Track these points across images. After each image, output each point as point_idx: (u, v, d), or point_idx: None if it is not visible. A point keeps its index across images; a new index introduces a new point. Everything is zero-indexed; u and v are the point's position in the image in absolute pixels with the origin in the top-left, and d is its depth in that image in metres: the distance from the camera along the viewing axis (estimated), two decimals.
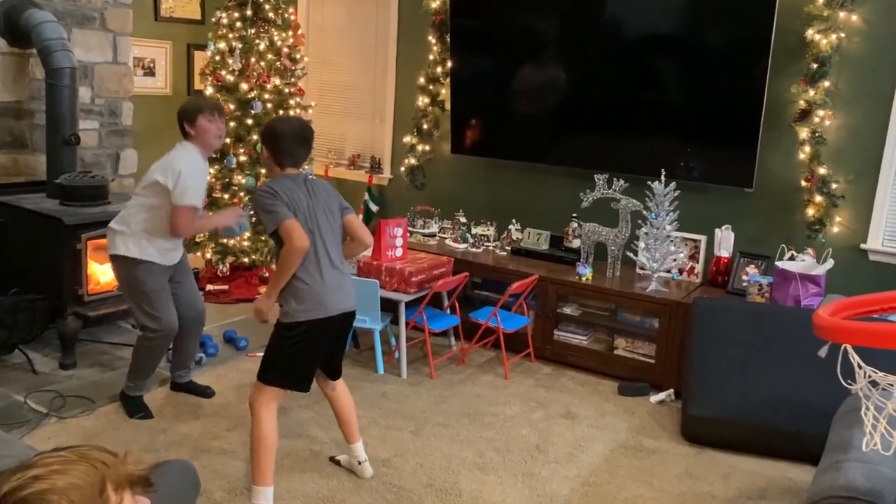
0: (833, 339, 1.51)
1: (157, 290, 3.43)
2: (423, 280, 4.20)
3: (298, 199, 2.79)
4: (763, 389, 3.45)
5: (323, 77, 5.96)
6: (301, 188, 2.83)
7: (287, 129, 2.88)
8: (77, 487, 1.07)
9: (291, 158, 2.87)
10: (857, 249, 4.06)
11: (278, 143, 2.84)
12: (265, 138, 2.88)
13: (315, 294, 2.77)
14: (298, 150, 2.88)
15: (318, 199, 2.86)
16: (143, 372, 3.55)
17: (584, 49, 4.61)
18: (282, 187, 2.78)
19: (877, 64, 3.91)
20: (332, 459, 3.24)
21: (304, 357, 2.85)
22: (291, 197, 2.77)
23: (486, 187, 5.24)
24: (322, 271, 2.80)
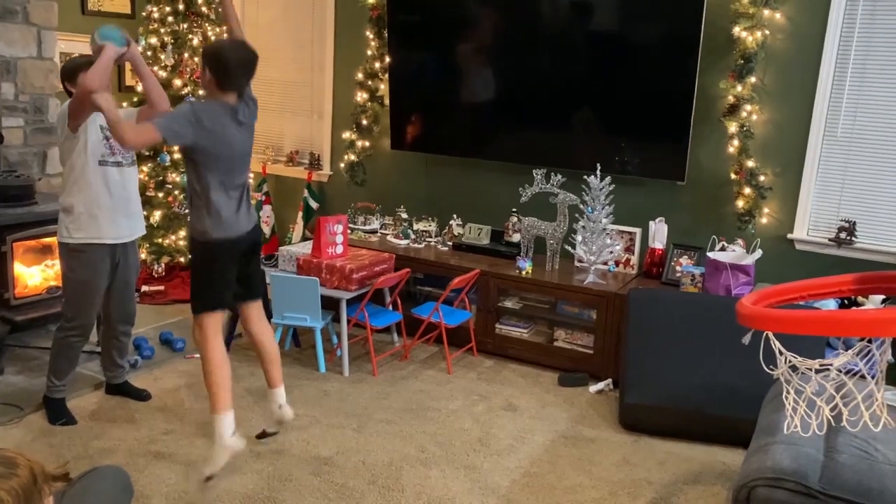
0: (754, 326, 1.57)
1: (89, 281, 3.32)
2: (365, 277, 4.18)
3: (221, 127, 2.87)
4: (697, 376, 3.55)
5: (259, 72, 5.79)
6: (229, 116, 2.91)
7: (236, 57, 2.90)
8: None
9: (234, 86, 2.91)
10: (785, 239, 4.21)
11: (226, 69, 2.87)
12: (211, 62, 2.87)
13: (226, 219, 2.96)
14: (243, 79, 2.94)
15: (242, 134, 2.99)
16: (61, 371, 3.44)
17: (520, 45, 4.66)
18: (209, 115, 2.83)
19: (800, 60, 4.06)
20: (259, 436, 3.30)
21: (221, 274, 3.04)
22: (213, 126, 2.84)
23: (427, 183, 5.25)
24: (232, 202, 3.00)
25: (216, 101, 2.92)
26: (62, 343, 3.39)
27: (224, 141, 2.89)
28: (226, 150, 2.91)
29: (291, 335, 4.45)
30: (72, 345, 3.40)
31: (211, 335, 3.02)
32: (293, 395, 3.83)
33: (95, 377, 3.84)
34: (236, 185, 3.01)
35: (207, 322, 3.03)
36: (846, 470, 2.32)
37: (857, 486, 2.25)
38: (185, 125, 2.79)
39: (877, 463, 2.35)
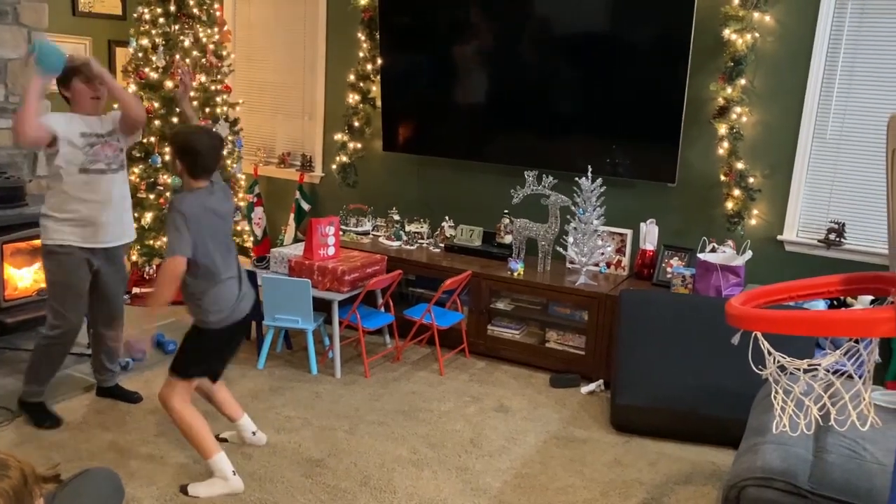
0: (742, 326, 1.58)
1: (67, 283, 3.32)
2: (357, 278, 4.18)
3: (204, 216, 2.86)
4: (687, 377, 3.57)
5: (250, 74, 5.87)
6: (210, 199, 2.91)
7: (204, 144, 2.89)
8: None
9: (206, 171, 2.92)
10: (774, 241, 4.24)
11: (196, 158, 2.87)
12: (181, 152, 2.87)
13: (227, 302, 2.95)
14: (214, 162, 2.94)
15: (225, 206, 2.99)
16: (41, 377, 3.42)
17: (512, 48, 4.67)
18: (191, 208, 2.82)
19: (789, 62, 4.08)
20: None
21: (218, 355, 3.12)
22: (197, 218, 2.82)
23: (419, 185, 5.25)
24: (234, 280, 2.98)
25: (193, 193, 2.91)
26: (44, 348, 3.38)
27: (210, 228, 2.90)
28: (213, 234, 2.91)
29: (283, 337, 4.45)
30: (53, 350, 3.39)
31: (183, 395, 3.00)
32: (285, 396, 3.83)
33: (86, 379, 3.83)
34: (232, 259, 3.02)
35: (185, 385, 3.01)
36: (835, 469, 2.34)
37: (846, 486, 2.26)
38: (185, 234, 2.79)
39: (865, 462, 2.37)
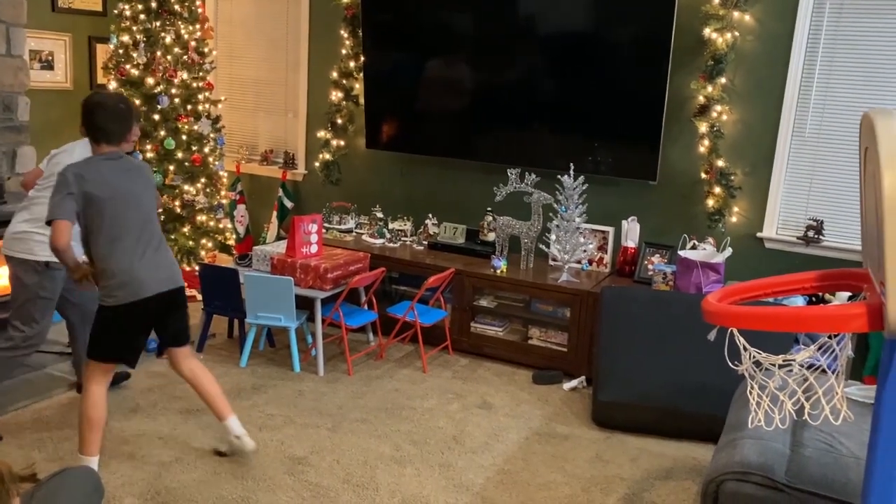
0: (719, 323, 1.60)
1: (52, 298, 3.31)
2: (340, 276, 4.18)
3: (108, 182, 2.77)
4: (668, 373, 3.60)
5: (233, 71, 5.84)
6: (115, 169, 2.82)
7: (103, 105, 2.82)
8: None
9: (106, 135, 2.83)
10: (754, 238, 4.28)
11: (92, 117, 2.81)
12: (82, 117, 2.84)
13: (128, 279, 2.82)
14: (113, 125, 2.83)
15: (134, 180, 2.87)
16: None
17: (495, 46, 4.68)
18: (88, 172, 2.75)
19: (768, 61, 4.12)
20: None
21: (123, 336, 2.93)
22: (97, 182, 2.74)
23: (403, 182, 5.25)
24: (134, 257, 2.84)
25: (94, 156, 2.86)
26: (11, 354, 3.28)
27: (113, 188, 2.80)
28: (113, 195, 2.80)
29: (266, 335, 4.44)
30: (18, 356, 3.31)
31: (98, 378, 2.93)
32: (267, 394, 3.83)
33: (66, 378, 3.80)
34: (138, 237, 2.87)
35: (100, 368, 2.93)
36: (811, 463, 2.37)
37: (822, 479, 2.30)
38: (70, 200, 2.71)
39: (841, 456, 2.41)
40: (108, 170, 2.81)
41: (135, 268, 2.83)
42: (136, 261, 2.84)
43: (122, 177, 2.83)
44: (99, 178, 2.76)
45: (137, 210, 2.85)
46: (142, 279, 2.84)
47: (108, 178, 2.79)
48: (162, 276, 2.91)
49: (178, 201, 5.10)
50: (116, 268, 2.80)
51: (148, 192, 2.93)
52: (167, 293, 2.93)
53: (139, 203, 2.86)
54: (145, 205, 2.89)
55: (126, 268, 2.81)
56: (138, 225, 2.85)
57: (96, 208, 2.75)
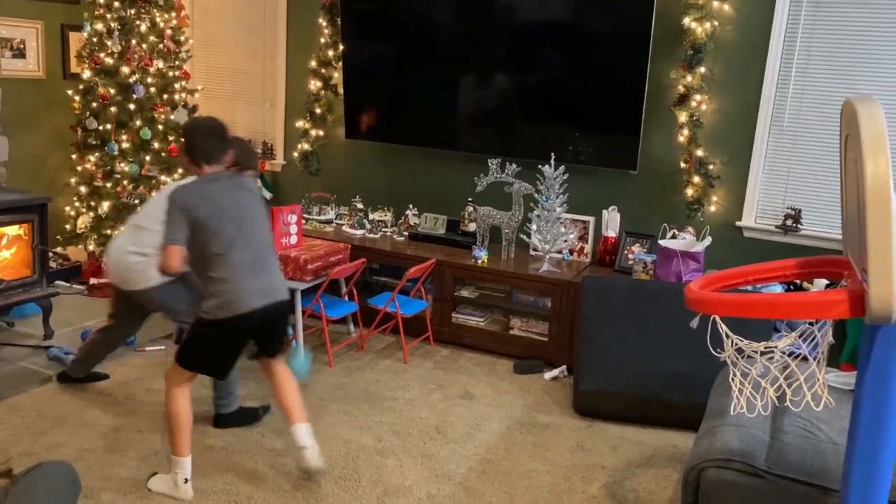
0: (700, 310, 1.61)
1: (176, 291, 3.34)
2: (320, 267, 4.15)
3: (214, 200, 2.77)
4: (648, 362, 3.61)
5: (209, 60, 5.76)
6: (220, 187, 2.82)
7: (198, 125, 2.90)
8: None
9: (206, 154, 2.85)
10: (733, 227, 4.31)
11: (191, 139, 2.85)
12: (183, 142, 2.91)
13: (232, 297, 2.77)
14: (211, 143, 2.85)
15: (239, 197, 2.85)
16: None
17: (475, 36, 4.65)
18: (195, 195, 2.76)
19: (747, 51, 4.14)
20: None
21: (219, 351, 2.89)
22: (204, 202, 2.74)
23: (383, 173, 5.22)
24: (239, 273, 2.79)
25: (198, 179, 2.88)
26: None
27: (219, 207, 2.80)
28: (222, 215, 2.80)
29: None
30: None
31: (181, 383, 2.87)
32: (247, 387, 3.80)
33: (42, 372, 3.74)
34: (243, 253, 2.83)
35: (183, 376, 2.87)
36: (791, 450, 2.39)
37: (801, 466, 2.32)
38: (181, 222, 2.73)
39: (820, 442, 2.43)
40: (213, 189, 2.81)
41: (239, 284, 2.78)
42: (241, 277, 2.79)
43: (227, 195, 2.82)
44: (204, 197, 2.77)
45: (242, 226, 2.82)
46: (244, 295, 2.79)
47: (213, 196, 2.79)
48: (265, 289, 2.84)
49: (154, 192, 5.03)
50: (220, 284, 2.76)
51: (254, 208, 2.90)
52: (269, 307, 2.86)
53: (244, 219, 2.83)
54: (250, 221, 2.85)
55: (230, 284, 2.77)
56: (244, 241, 2.81)
57: (202, 226, 2.74)
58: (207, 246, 2.76)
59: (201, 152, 2.85)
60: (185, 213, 2.73)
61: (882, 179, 1.27)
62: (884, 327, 1.39)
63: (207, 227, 2.74)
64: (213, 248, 2.76)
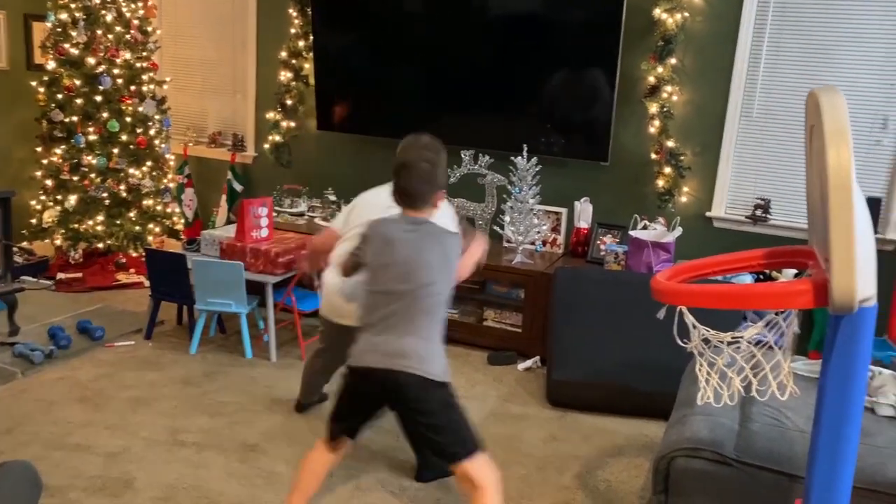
0: (668, 301, 1.61)
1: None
2: (291, 260, 4.11)
3: (392, 248, 2.36)
4: (621, 352, 3.63)
5: (178, 51, 5.67)
6: (408, 237, 2.38)
7: (405, 163, 2.41)
8: None
9: (405, 199, 2.41)
10: (703, 217, 4.34)
11: (396, 178, 2.42)
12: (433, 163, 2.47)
13: (359, 343, 2.43)
14: (413, 187, 2.40)
15: (422, 254, 2.37)
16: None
17: (447, 27, 4.63)
18: (377, 235, 2.41)
19: (717, 42, 4.16)
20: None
21: (343, 400, 2.53)
22: (383, 245, 2.38)
23: (356, 164, 5.18)
24: (377, 326, 2.39)
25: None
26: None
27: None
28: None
29: (216, 321, 4.35)
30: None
31: (316, 445, 2.58)
32: (219, 381, 3.76)
33: (7, 369, 3.68)
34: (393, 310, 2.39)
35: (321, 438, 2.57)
36: (759, 438, 2.42)
37: (769, 453, 2.35)
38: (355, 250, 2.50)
39: (787, 430, 2.46)
40: (399, 235, 2.38)
41: (369, 337, 2.39)
42: (375, 331, 2.39)
43: (409, 247, 2.36)
44: (384, 242, 2.39)
45: (407, 283, 2.34)
46: (365, 348, 2.40)
47: (394, 243, 2.37)
48: (388, 352, 2.36)
49: (123, 185, 4.96)
50: (361, 330, 2.43)
51: (434, 271, 2.37)
52: (385, 372, 2.34)
53: (411, 278, 2.34)
54: (418, 282, 2.34)
55: (363, 332, 2.42)
56: (399, 299, 2.35)
57: (371, 269, 2.42)
58: (369, 287, 2.45)
59: (401, 197, 2.43)
60: (364, 253, 2.46)
61: (844, 170, 1.27)
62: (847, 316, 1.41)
63: (377, 272, 2.41)
64: (372, 291, 2.43)
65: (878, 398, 2.64)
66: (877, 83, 3.94)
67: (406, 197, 2.40)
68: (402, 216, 2.43)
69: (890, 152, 3.98)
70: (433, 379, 2.36)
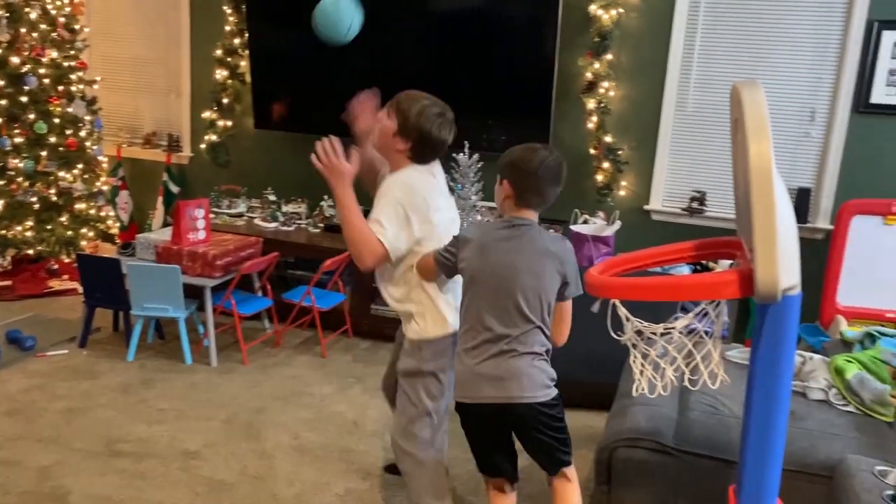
0: (600, 295, 1.63)
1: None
2: (230, 263, 4.03)
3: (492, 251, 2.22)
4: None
5: (108, 49, 5.51)
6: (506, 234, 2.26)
7: (545, 163, 2.34)
8: None
9: (537, 198, 2.32)
10: (642, 210, 4.42)
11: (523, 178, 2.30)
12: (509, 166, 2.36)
13: (462, 372, 2.27)
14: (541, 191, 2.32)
15: (523, 256, 2.23)
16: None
17: (386, 22, 4.59)
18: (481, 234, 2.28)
19: (652, 38, 4.24)
20: None
21: (471, 440, 2.40)
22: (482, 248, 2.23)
23: (296, 163, 5.10)
24: (477, 350, 2.23)
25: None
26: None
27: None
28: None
29: (154, 327, 4.24)
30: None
31: (489, 490, 2.45)
32: (157, 388, 3.67)
33: None
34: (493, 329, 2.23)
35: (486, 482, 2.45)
36: (697, 426, 2.47)
37: (707, 441, 2.40)
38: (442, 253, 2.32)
39: (724, 417, 2.52)
40: (499, 241, 2.25)
41: (472, 363, 2.23)
42: (477, 355, 2.22)
43: (511, 254, 2.22)
44: (481, 249, 2.24)
45: (508, 297, 2.19)
46: (472, 378, 2.23)
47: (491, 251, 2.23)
48: (496, 379, 2.21)
49: (53, 189, 4.80)
50: (459, 356, 2.28)
51: (539, 285, 2.24)
52: (501, 407, 2.24)
53: (513, 291, 2.20)
54: (520, 295, 2.20)
55: (462, 357, 2.26)
56: (500, 314, 2.20)
57: (468, 280, 2.26)
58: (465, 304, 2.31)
59: (537, 195, 2.35)
60: (458, 259, 2.31)
61: (765, 162, 1.30)
62: (772, 304, 1.44)
63: (474, 285, 2.28)
64: (469, 309, 2.29)
65: (809, 383, 2.72)
66: (805, 77, 4.06)
67: (541, 198, 2.32)
68: (497, 222, 2.31)
69: (818, 144, 4.11)
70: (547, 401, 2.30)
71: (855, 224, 3.85)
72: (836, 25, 3.98)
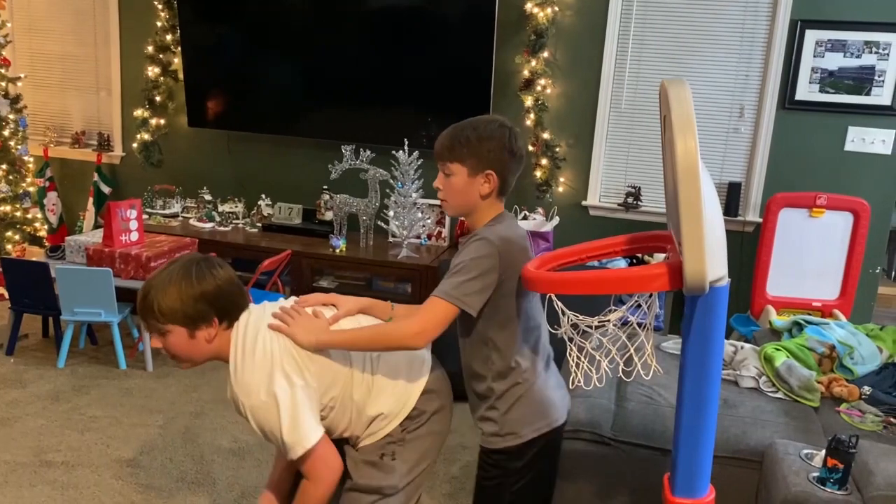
0: (536, 289, 1.65)
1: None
2: (163, 265, 3.93)
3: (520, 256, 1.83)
4: None
5: (33, 45, 5.30)
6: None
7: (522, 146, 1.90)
8: None
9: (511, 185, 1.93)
10: (580, 206, 4.48)
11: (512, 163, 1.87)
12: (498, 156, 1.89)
13: (540, 396, 1.87)
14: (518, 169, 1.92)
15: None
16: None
17: (322, 18, 4.55)
18: (508, 244, 1.81)
19: (587, 36, 4.30)
20: None
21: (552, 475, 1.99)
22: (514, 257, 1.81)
23: (231, 162, 5.02)
24: (546, 362, 1.93)
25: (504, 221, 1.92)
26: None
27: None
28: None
29: (86, 332, 4.11)
30: None
31: None
32: (90, 395, 3.56)
33: None
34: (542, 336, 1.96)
35: None
36: (634, 416, 2.52)
37: (643, 431, 2.45)
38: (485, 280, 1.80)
39: (660, 407, 2.58)
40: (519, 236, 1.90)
41: (546, 381, 1.90)
42: (545, 369, 1.91)
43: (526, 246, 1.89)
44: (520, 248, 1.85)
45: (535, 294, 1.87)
46: (553, 396, 1.91)
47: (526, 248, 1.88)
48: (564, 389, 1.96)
49: None
50: (528, 380, 1.86)
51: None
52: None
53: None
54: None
55: (535, 379, 1.87)
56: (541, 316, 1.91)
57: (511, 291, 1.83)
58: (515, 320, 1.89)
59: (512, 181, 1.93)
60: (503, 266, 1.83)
61: (691, 157, 1.33)
62: (701, 296, 1.48)
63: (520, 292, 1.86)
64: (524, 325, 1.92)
65: (740, 371, 2.81)
66: (733, 74, 4.18)
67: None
68: (507, 214, 1.97)
69: (747, 140, 4.24)
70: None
71: (783, 217, 3.99)
72: (761, 25, 4.11)
